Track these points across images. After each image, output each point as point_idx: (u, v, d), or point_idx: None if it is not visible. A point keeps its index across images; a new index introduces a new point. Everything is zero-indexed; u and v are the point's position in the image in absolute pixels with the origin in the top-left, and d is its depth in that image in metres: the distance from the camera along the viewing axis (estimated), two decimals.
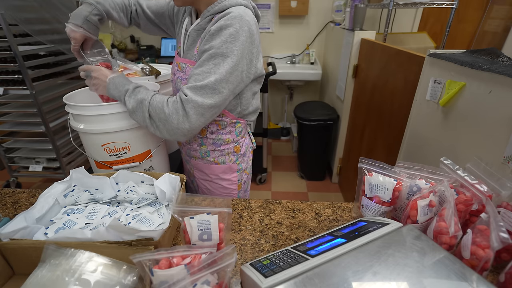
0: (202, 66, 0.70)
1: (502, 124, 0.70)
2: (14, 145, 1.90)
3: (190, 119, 0.70)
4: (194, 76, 0.71)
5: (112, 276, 0.49)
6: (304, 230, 0.71)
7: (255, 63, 0.76)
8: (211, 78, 0.69)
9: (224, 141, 0.88)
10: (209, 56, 0.70)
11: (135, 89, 0.75)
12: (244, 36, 0.69)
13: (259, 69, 0.80)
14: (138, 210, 0.70)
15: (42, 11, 1.71)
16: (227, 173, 0.94)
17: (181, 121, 0.70)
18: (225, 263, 0.43)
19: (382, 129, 1.50)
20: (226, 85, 0.71)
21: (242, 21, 0.69)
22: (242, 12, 0.70)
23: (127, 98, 0.74)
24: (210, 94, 0.70)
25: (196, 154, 0.93)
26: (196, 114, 0.70)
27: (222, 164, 0.92)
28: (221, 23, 0.69)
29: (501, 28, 2.27)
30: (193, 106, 0.69)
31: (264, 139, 2.26)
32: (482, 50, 0.84)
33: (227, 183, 0.95)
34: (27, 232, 0.58)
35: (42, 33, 1.70)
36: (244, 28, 0.69)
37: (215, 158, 0.91)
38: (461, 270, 0.43)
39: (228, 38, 0.68)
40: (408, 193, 0.64)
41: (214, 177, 0.94)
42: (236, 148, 0.92)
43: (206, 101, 0.69)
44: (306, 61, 2.78)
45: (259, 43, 0.77)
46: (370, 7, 1.91)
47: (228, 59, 0.69)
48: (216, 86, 0.69)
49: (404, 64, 1.25)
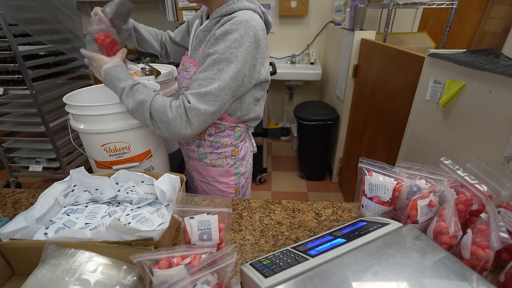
0: (206, 71, 0.70)
1: (502, 124, 0.70)
2: (14, 145, 1.90)
3: (192, 126, 0.70)
4: (197, 81, 0.71)
5: (112, 276, 0.49)
6: (304, 230, 0.71)
7: (258, 68, 0.75)
8: (214, 85, 0.68)
9: (222, 144, 0.88)
10: (213, 61, 0.69)
11: (133, 87, 0.73)
12: (249, 41, 0.69)
13: (263, 74, 0.78)
14: (138, 210, 0.70)
15: (42, 11, 1.71)
16: (224, 176, 0.93)
17: (183, 127, 0.70)
18: (225, 263, 0.43)
19: (382, 129, 1.50)
20: (228, 91, 0.71)
21: (248, 26, 0.68)
22: (249, 16, 0.69)
23: (124, 98, 0.73)
24: (213, 101, 0.70)
25: (194, 155, 0.92)
26: (199, 122, 0.70)
27: (219, 167, 0.91)
28: (226, 27, 0.68)
29: (501, 28, 2.27)
30: (195, 114, 0.69)
31: (264, 139, 2.26)
32: (482, 50, 0.84)
33: (224, 186, 0.94)
34: (27, 232, 0.58)
35: (42, 33, 1.70)
36: (250, 34, 0.68)
37: (212, 160, 0.90)
38: (461, 270, 0.43)
39: (232, 43, 0.67)
40: (408, 193, 0.64)
41: (211, 180, 0.94)
42: (234, 151, 0.91)
43: (209, 108, 0.70)
44: (306, 61, 2.78)
45: (265, 49, 0.76)
46: (370, 7, 1.91)
47: (232, 64, 0.68)
48: (220, 93, 0.69)
49: (404, 64, 1.25)
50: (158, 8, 2.63)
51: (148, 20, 2.72)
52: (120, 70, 0.77)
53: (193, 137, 0.74)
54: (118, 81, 0.74)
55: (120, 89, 0.73)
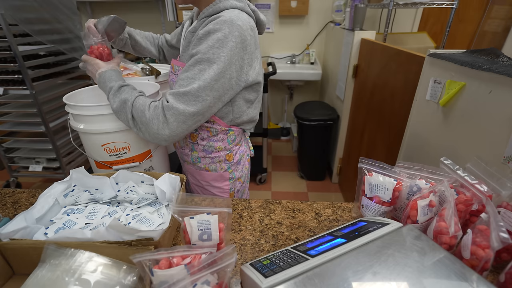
0: (187, 71, 0.68)
1: (502, 124, 0.70)
2: (14, 145, 1.90)
3: (170, 126, 0.68)
4: (179, 81, 0.69)
5: (112, 276, 0.49)
6: (304, 230, 0.71)
7: (246, 70, 0.72)
8: (194, 85, 0.66)
9: (215, 149, 0.85)
10: (195, 62, 0.67)
11: (120, 88, 0.72)
12: (233, 41, 0.66)
13: (252, 76, 0.74)
14: (138, 210, 0.70)
15: (42, 11, 1.71)
16: (218, 181, 0.91)
17: (161, 127, 0.68)
18: (225, 263, 0.43)
19: (382, 129, 1.50)
20: (210, 93, 0.68)
21: (233, 26, 0.66)
22: (235, 16, 0.67)
23: (111, 97, 0.72)
24: (192, 102, 0.67)
25: (188, 159, 0.91)
26: (177, 121, 0.68)
27: (213, 172, 0.89)
28: (210, 27, 0.66)
29: (501, 28, 2.27)
30: (173, 113, 0.67)
31: (264, 139, 2.26)
32: (482, 50, 0.84)
33: (218, 191, 0.93)
34: (27, 232, 0.58)
35: (42, 33, 1.70)
36: (234, 34, 0.66)
37: (206, 165, 0.88)
38: (461, 270, 0.43)
39: (215, 43, 0.65)
40: (408, 193, 0.64)
41: (205, 184, 0.92)
42: (228, 156, 0.88)
43: (188, 108, 0.67)
44: (306, 61, 2.78)
45: (255, 49, 0.73)
46: (370, 7, 1.91)
47: (214, 65, 0.66)
48: (200, 93, 0.67)
49: (404, 64, 1.25)
50: (158, 8, 2.63)
51: (148, 20, 2.72)
52: (114, 73, 0.77)
53: (174, 139, 0.72)
54: (110, 81, 0.74)
55: (109, 88, 0.73)
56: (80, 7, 2.65)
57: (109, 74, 0.76)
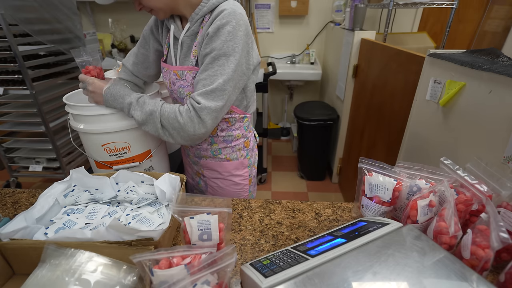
0: (207, 70, 0.71)
1: (502, 124, 0.70)
2: (14, 145, 1.90)
3: (206, 125, 0.72)
4: (201, 81, 0.71)
5: (112, 276, 0.49)
6: (304, 230, 0.71)
7: (251, 53, 0.77)
8: (219, 80, 0.69)
9: (234, 137, 0.89)
10: (212, 59, 0.70)
11: (139, 100, 0.75)
12: (241, 31, 0.70)
13: (255, 58, 0.80)
14: (138, 210, 0.70)
15: (42, 11, 1.71)
16: (239, 169, 0.95)
17: (197, 128, 0.72)
18: (225, 263, 0.43)
19: (382, 129, 1.50)
20: (232, 83, 0.72)
21: (237, 16, 0.69)
22: (234, 5, 0.71)
23: (133, 112, 0.75)
24: (220, 96, 0.71)
25: (206, 153, 0.92)
26: (211, 119, 0.72)
27: (234, 160, 0.93)
28: (217, 23, 0.69)
29: (501, 28, 2.27)
30: (207, 112, 0.70)
31: (264, 139, 2.26)
32: (482, 50, 0.84)
33: (239, 179, 0.96)
34: (27, 232, 0.58)
35: (42, 33, 1.70)
36: (240, 23, 0.69)
37: (227, 155, 0.91)
38: (461, 270, 0.43)
39: (227, 36, 0.68)
40: (408, 193, 0.64)
41: (227, 174, 0.94)
42: (246, 142, 0.93)
43: (218, 104, 0.71)
44: (306, 61, 2.78)
45: (251, 32, 0.77)
46: (370, 7, 1.91)
47: (231, 57, 0.70)
48: (225, 87, 0.71)
49: (404, 64, 1.25)
50: None
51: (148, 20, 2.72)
52: (119, 87, 0.78)
53: (207, 135, 0.76)
54: (122, 97, 0.76)
55: (127, 104, 0.75)
56: (80, 7, 2.65)
57: (115, 90, 0.77)
